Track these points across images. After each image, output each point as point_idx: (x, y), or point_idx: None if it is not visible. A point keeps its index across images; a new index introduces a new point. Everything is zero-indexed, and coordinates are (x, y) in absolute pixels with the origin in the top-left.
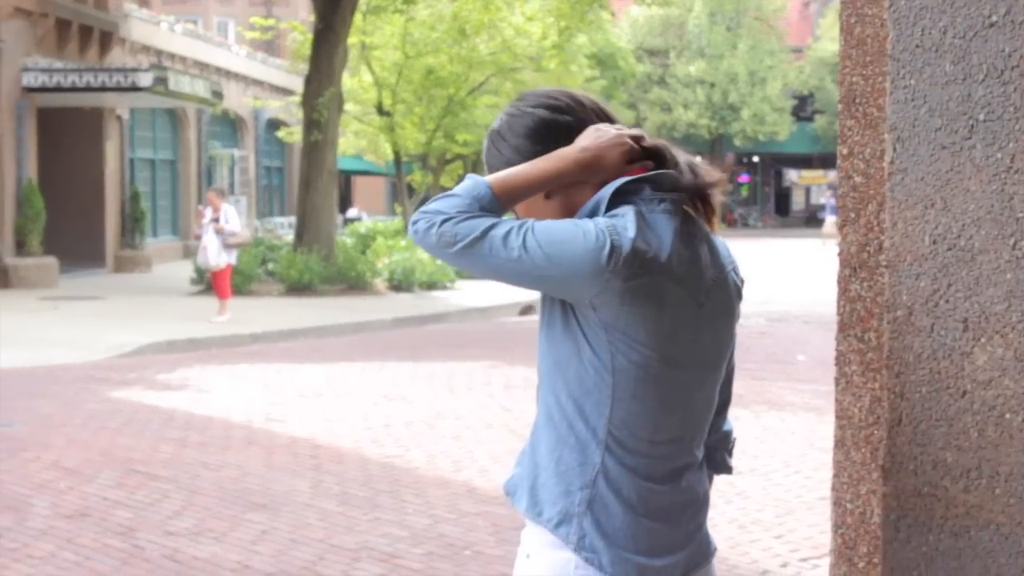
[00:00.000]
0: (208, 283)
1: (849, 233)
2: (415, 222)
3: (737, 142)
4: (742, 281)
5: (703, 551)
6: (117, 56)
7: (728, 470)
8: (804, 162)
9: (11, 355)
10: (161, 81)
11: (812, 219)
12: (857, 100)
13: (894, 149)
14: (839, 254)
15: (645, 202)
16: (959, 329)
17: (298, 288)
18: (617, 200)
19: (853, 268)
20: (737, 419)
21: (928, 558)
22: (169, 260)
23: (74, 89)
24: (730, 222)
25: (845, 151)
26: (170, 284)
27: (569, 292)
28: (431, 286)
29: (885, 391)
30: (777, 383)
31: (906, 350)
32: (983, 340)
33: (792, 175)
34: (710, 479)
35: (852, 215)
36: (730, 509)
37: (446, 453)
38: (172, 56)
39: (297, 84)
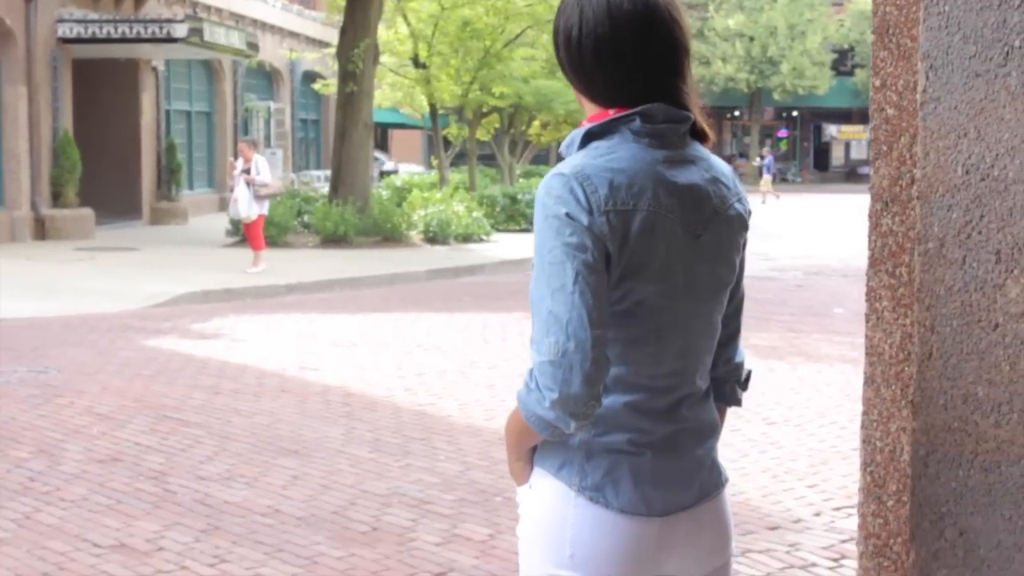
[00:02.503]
0: (243, 235)
1: (881, 167)
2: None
3: (776, 96)
4: (748, 212)
5: (713, 480)
6: (152, 7)
7: (737, 402)
8: (844, 117)
9: (48, 304)
10: (196, 32)
11: (852, 174)
12: (890, 31)
13: (927, 78)
14: (871, 188)
15: (631, 134)
16: (991, 261)
17: (333, 240)
18: (597, 136)
19: (885, 202)
20: (773, 370)
21: (957, 494)
22: (205, 212)
23: (109, 40)
24: None
25: (878, 83)
26: (206, 236)
27: (602, 260)
28: (466, 238)
29: (916, 326)
30: (814, 335)
31: (937, 283)
32: (1016, 272)
33: (831, 130)
34: (721, 412)
35: (884, 148)
36: (764, 458)
37: (479, 402)
38: (207, 7)
39: (333, 36)
